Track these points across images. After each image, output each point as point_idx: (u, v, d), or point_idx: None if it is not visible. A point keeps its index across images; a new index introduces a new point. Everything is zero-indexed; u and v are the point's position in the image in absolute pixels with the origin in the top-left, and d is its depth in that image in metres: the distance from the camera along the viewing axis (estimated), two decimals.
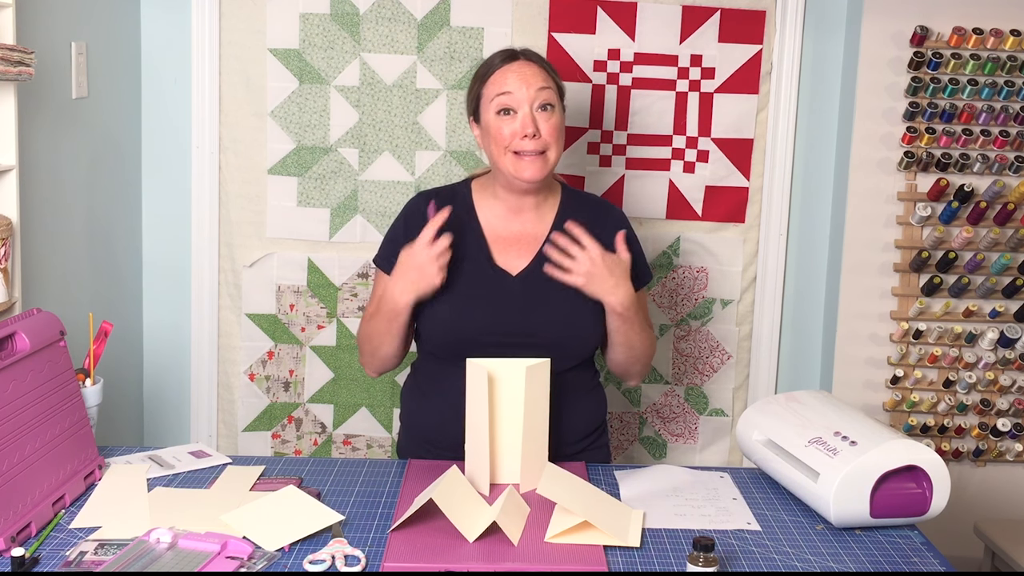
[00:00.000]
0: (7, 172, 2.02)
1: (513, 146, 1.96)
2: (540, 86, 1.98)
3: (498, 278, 2.01)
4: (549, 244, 1.97)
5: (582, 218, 2.06)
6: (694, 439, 2.99)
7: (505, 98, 1.97)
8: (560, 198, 2.10)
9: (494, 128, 1.99)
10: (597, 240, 2.00)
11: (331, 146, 2.80)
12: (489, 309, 1.98)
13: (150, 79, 2.83)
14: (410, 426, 2.12)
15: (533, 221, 2.06)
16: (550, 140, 1.97)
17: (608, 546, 1.59)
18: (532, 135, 1.95)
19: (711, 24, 2.78)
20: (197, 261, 2.86)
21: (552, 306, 1.98)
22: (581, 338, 2.01)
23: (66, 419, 1.73)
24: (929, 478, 1.68)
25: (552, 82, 2.02)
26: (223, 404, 2.92)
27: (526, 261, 2.02)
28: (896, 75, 2.77)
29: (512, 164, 1.97)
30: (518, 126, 1.96)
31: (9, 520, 1.52)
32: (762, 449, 1.86)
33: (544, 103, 1.97)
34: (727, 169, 2.85)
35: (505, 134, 1.97)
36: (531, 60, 2.02)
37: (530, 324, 1.97)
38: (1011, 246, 2.79)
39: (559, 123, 2.00)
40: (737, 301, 2.93)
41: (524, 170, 1.96)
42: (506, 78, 1.99)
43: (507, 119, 1.97)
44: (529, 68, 2.00)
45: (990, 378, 2.85)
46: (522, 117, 1.96)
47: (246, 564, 1.48)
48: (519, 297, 1.99)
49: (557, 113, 2.00)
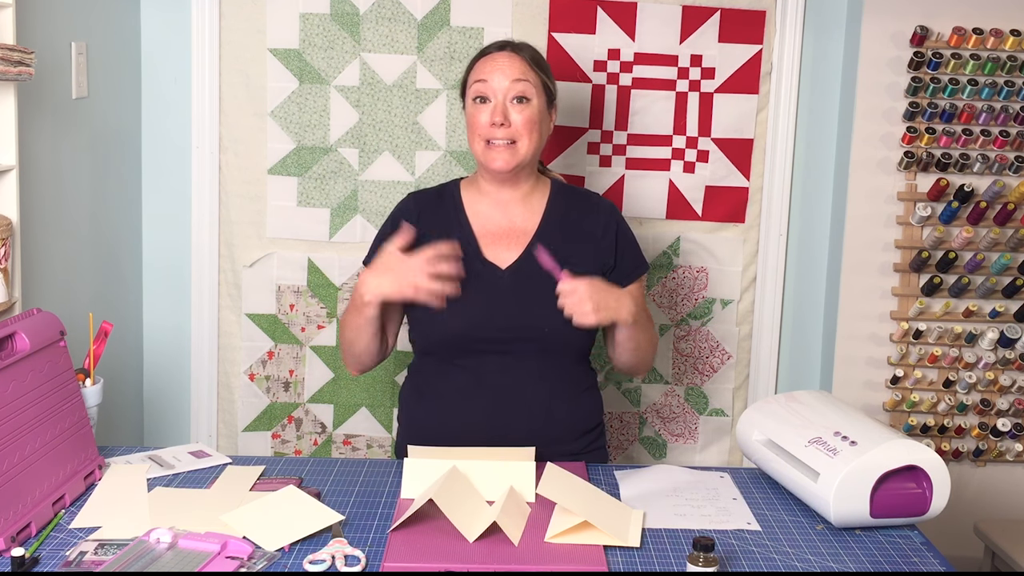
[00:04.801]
0: (7, 172, 2.02)
1: (485, 134, 2.00)
2: (516, 77, 2.00)
3: (488, 272, 2.01)
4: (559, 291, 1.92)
5: (572, 211, 2.07)
6: (694, 439, 2.99)
7: (481, 86, 2.02)
8: (549, 192, 2.11)
9: (470, 115, 2.04)
10: (587, 232, 2.01)
11: (331, 146, 2.80)
12: (480, 304, 1.98)
13: (150, 79, 2.83)
14: (408, 426, 2.13)
15: (522, 215, 2.07)
16: (521, 131, 1.99)
17: (608, 546, 1.59)
18: (500, 123, 1.97)
19: (711, 24, 2.78)
20: (197, 261, 2.86)
21: (544, 298, 1.97)
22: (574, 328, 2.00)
23: (66, 419, 1.73)
24: (929, 478, 1.68)
25: (533, 75, 2.02)
26: (223, 404, 2.92)
27: (515, 254, 2.03)
28: (896, 75, 2.77)
29: (483, 153, 2.01)
30: (487, 115, 1.99)
31: (9, 520, 1.52)
32: (762, 449, 1.86)
33: (519, 95, 2.00)
34: (727, 169, 2.85)
35: (479, 122, 2.01)
36: (517, 52, 2.04)
37: (523, 317, 1.97)
38: (1011, 246, 2.79)
39: (534, 115, 2.00)
40: (737, 301, 2.93)
41: (493, 160, 2.00)
42: (486, 67, 2.03)
43: (482, 107, 2.01)
44: (510, 60, 2.02)
45: (990, 378, 2.85)
46: (494, 105, 1.99)
47: (246, 564, 1.48)
48: (510, 290, 2.00)
49: (534, 106, 2.01)
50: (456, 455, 1.78)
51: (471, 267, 2.01)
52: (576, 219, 2.07)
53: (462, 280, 1.99)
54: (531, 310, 1.98)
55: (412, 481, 1.75)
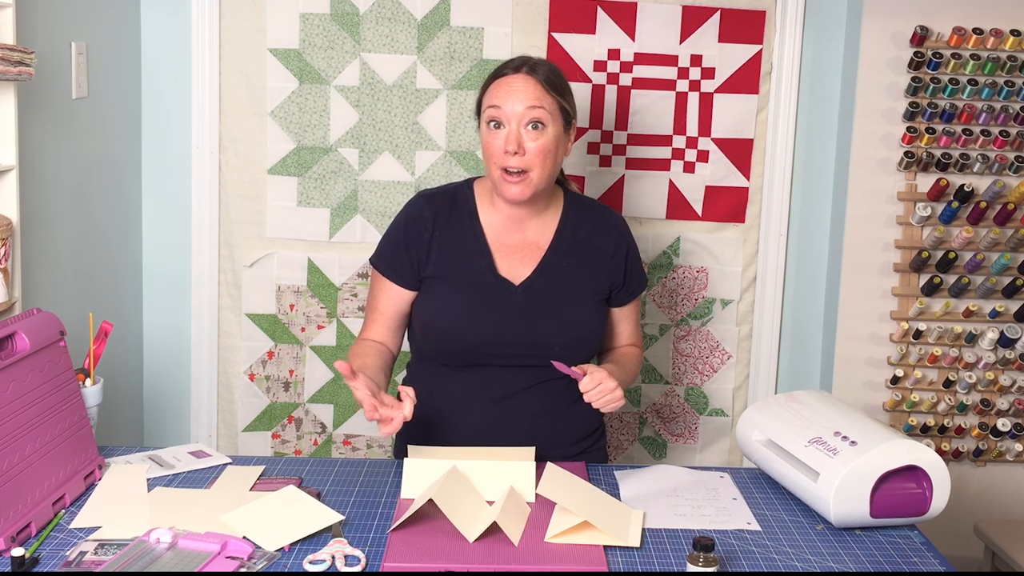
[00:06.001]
0: (7, 172, 2.02)
1: (499, 161, 1.93)
2: (531, 104, 1.91)
3: (502, 288, 1.99)
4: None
5: (584, 227, 2.06)
6: (694, 439, 2.99)
7: (494, 111, 1.93)
8: (563, 206, 2.07)
9: (484, 140, 1.96)
10: (598, 250, 2.02)
11: (331, 146, 2.80)
12: (492, 320, 1.96)
13: (150, 79, 2.83)
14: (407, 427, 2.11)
15: (536, 230, 2.03)
16: (535, 160, 1.91)
17: (608, 546, 1.59)
18: (514, 152, 1.90)
19: (711, 24, 2.78)
20: (197, 261, 2.86)
21: (555, 315, 1.97)
22: (585, 344, 2.01)
23: (66, 419, 1.72)
24: (929, 478, 1.67)
25: (549, 100, 1.93)
26: (223, 404, 2.92)
27: (529, 270, 2.00)
28: (896, 75, 2.77)
29: (498, 181, 1.95)
30: (501, 142, 1.92)
31: (9, 520, 1.52)
32: (762, 449, 1.86)
33: (534, 120, 1.91)
34: (727, 169, 2.85)
35: (493, 148, 1.93)
36: (533, 74, 1.94)
37: (534, 334, 1.96)
38: (1011, 246, 2.79)
39: (548, 144, 1.92)
40: (737, 301, 2.93)
41: (507, 190, 1.93)
42: (500, 91, 1.94)
43: (496, 133, 1.93)
44: (526, 83, 1.93)
45: (990, 378, 2.85)
46: (507, 133, 1.92)
47: (246, 564, 1.48)
48: (523, 307, 1.98)
49: (549, 133, 1.92)
50: (456, 455, 1.78)
51: (485, 281, 1.99)
52: (588, 237, 2.05)
53: (475, 295, 1.98)
54: (543, 327, 1.97)
55: (412, 481, 1.75)
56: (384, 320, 2.05)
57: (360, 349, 2.02)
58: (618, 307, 2.10)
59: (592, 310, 2.02)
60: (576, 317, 1.99)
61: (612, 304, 2.09)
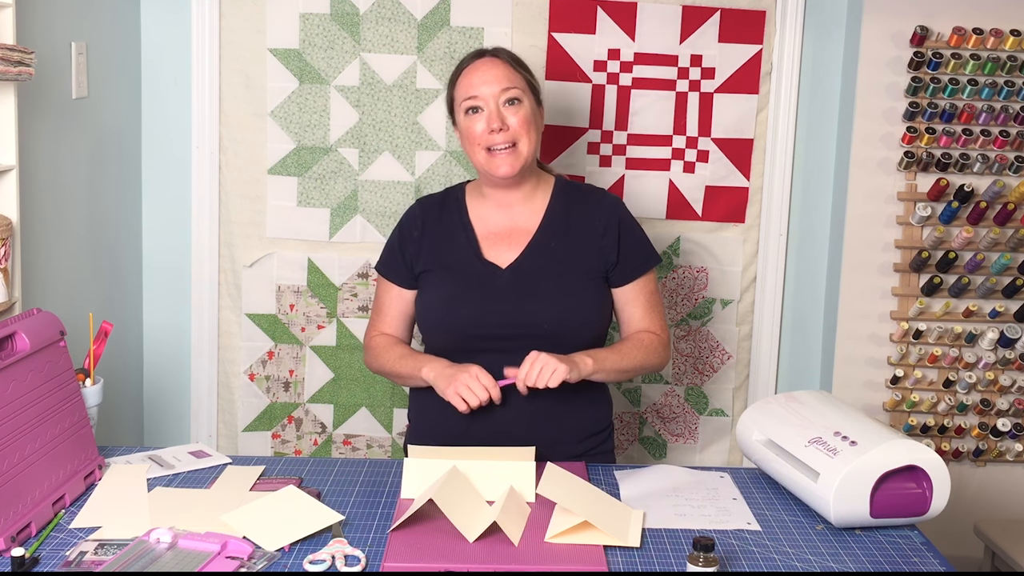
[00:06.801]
0: (7, 172, 2.02)
1: (485, 142, 2.00)
2: (504, 84, 2.01)
3: (487, 272, 2.03)
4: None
5: (576, 208, 2.07)
6: (694, 439, 2.99)
7: (471, 100, 2.02)
8: (552, 189, 2.11)
9: (465, 128, 2.04)
10: (588, 227, 2.05)
11: (331, 146, 2.80)
12: (479, 302, 2.00)
13: (150, 79, 2.83)
14: (415, 420, 2.16)
15: (524, 214, 2.08)
16: (520, 131, 2.00)
17: (608, 546, 1.59)
18: (499, 128, 1.98)
19: (711, 24, 2.78)
20: (197, 261, 2.86)
21: (545, 294, 1.99)
22: (579, 324, 2.00)
23: (66, 419, 1.73)
24: (929, 478, 1.67)
25: (518, 78, 2.04)
26: (223, 404, 2.92)
27: (516, 253, 2.04)
28: (896, 75, 2.77)
29: (486, 161, 2.01)
30: (483, 123, 2.00)
31: (9, 520, 1.52)
32: (762, 449, 1.86)
33: (510, 98, 2.01)
34: (727, 169, 2.85)
35: (476, 132, 2.01)
36: (497, 57, 2.05)
37: (524, 314, 1.99)
38: (1011, 246, 2.79)
39: (528, 115, 2.02)
40: (737, 301, 2.93)
41: (498, 166, 2.00)
42: (471, 78, 2.03)
43: (476, 117, 2.02)
44: (493, 66, 2.03)
45: (990, 378, 2.85)
46: (488, 113, 2.00)
47: (246, 564, 1.48)
48: (509, 289, 2.01)
49: (526, 106, 2.02)
50: (456, 455, 1.78)
51: (471, 267, 2.03)
52: (577, 217, 2.08)
53: (461, 280, 2.01)
54: (530, 307, 1.99)
55: (412, 481, 1.76)
56: (390, 321, 2.14)
57: (383, 341, 2.12)
58: (619, 287, 2.09)
59: (583, 288, 2.02)
60: (564, 296, 2.00)
61: (613, 284, 2.09)
